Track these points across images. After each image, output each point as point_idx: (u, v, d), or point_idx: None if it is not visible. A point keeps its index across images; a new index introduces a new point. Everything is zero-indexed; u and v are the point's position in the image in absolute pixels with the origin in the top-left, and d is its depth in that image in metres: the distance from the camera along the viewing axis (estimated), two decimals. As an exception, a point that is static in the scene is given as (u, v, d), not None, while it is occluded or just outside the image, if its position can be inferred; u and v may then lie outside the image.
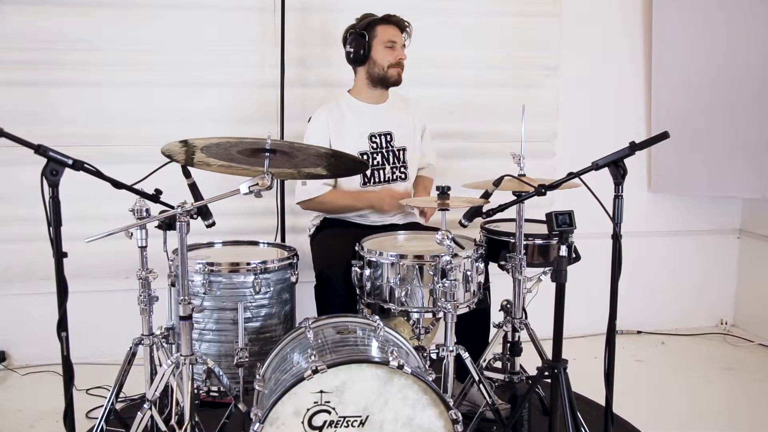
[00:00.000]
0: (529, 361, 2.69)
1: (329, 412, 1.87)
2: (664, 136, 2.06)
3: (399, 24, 2.99)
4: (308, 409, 1.86)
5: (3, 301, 3.51)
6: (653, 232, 4.12)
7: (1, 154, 3.05)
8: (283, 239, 3.48)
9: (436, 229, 2.24)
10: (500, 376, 2.70)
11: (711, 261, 4.22)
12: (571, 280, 3.24)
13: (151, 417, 2.20)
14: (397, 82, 3.00)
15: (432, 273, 2.35)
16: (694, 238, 4.18)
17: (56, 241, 1.94)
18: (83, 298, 3.34)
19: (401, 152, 3.05)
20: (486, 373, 2.72)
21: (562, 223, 1.98)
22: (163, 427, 2.19)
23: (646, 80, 3.98)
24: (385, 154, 3.02)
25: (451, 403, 1.93)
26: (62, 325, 1.98)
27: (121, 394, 2.78)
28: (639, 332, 4.09)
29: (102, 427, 2.32)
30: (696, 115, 3.82)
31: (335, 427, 1.88)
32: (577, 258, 2.76)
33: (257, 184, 1.94)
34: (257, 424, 1.81)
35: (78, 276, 3.33)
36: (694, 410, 3.07)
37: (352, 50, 2.96)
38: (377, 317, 2.25)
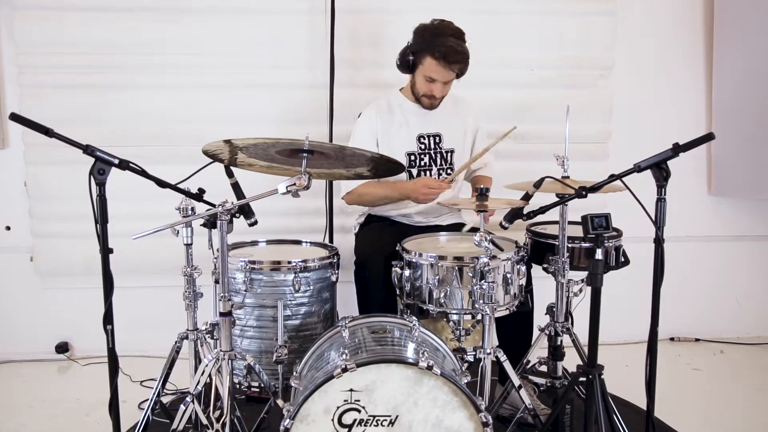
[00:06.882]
0: (575, 366, 2.64)
1: (359, 411, 1.89)
2: (709, 137, 2.00)
3: (449, 66, 2.77)
4: (338, 407, 1.89)
5: (66, 294, 3.67)
6: (714, 236, 4.00)
7: (60, 155, 3.16)
8: (331, 239, 3.52)
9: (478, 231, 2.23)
10: (541, 380, 2.66)
11: (776, 267, 4.05)
12: (628, 284, 3.14)
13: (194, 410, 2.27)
14: (428, 108, 2.95)
15: (471, 275, 2.33)
16: (758, 244, 4.01)
17: (103, 237, 2.00)
18: (141, 293, 3.49)
19: (449, 154, 3.03)
20: (528, 376, 2.69)
21: (597, 226, 1.94)
22: (204, 420, 2.25)
23: (706, 80, 3.85)
24: (433, 155, 3.00)
25: (482, 406, 1.92)
26: (108, 319, 2.05)
27: (172, 387, 2.90)
28: (697, 340, 3.95)
29: (148, 417, 2.39)
30: (761, 115, 3.65)
31: (365, 425, 1.90)
32: (626, 262, 2.69)
33: (294, 184, 1.98)
34: (287, 420, 1.85)
35: (140, 272, 3.47)
36: (751, 423, 2.96)
37: (399, 63, 2.91)
38: (414, 318, 2.25)
